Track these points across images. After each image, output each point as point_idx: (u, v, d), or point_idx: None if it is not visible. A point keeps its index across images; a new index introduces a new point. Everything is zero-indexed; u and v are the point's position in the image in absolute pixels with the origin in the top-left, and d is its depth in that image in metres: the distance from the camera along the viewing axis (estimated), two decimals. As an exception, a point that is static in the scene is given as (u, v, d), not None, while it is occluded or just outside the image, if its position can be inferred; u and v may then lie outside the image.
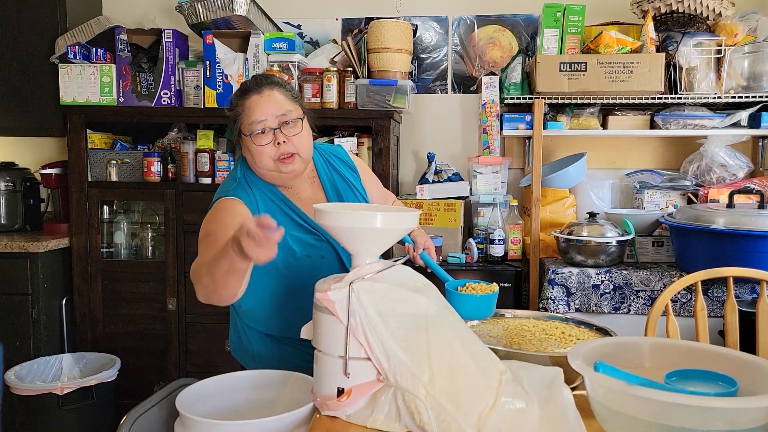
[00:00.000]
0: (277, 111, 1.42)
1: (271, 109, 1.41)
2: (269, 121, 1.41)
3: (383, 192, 1.77)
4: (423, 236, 1.59)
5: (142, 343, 2.87)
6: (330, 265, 1.48)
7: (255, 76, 1.49)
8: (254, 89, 1.44)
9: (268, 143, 1.41)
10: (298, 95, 1.50)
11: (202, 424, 1.11)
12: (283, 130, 1.41)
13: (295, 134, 1.43)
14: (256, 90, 1.43)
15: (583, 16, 2.56)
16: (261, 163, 1.43)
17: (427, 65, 3.14)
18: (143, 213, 3.01)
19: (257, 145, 1.41)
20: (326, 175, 1.58)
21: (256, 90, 1.43)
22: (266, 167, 1.43)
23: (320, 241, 1.47)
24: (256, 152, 1.42)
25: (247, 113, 1.42)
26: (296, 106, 1.46)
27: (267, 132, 1.41)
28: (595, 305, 2.37)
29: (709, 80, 2.54)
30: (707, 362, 1.05)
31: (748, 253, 2.10)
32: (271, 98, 1.42)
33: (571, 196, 2.80)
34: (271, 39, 2.74)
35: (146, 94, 2.79)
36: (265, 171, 1.45)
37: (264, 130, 1.41)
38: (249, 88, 1.44)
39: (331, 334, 1.06)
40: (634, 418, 0.88)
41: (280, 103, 1.42)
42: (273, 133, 1.41)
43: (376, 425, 1.03)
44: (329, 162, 1.61)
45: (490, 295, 1.36)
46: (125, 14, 3.21)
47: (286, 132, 1.42)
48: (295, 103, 1.46)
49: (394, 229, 1.13)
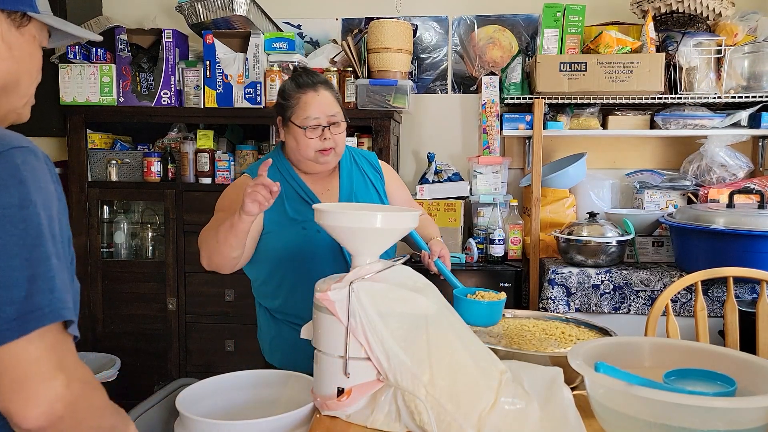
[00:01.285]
0: (329, 111, 1.57)
1: (325, 109, 1.57)
2: (322, 119, 1.56)
3: (409, 201, 1.85)
4: (439, 245, 1.69)
5: (142, 343, 2.87)
6: (325, 241, 1.53)
7: (307, 72, 1.64)
8: (311, 86, 1.58)
9: (316, 137, 1.56)
10: (339, 98, 1.66)
11: (202, 424, 1.11)
12: (331, 129, 1.57)
13: (338, 133, 1.59)
14: (312, 87, 1.58)
15: (583, 16, 2.56)
16: (304, 153, 1.58)
17: (427, 65, 3.14)
18: (143, 213, 3.01)
19: (307, 137, 1.56)
20: (346, 168, 1.69)
21: (313, 87, 1.58)
22: (307, 156, 1.58)
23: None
24: (302, 143, 1.57)
25: (302, 107, 1.57)
26: (340, 109, 1.62)
27: (317, 128, 1.56)
28: (595, 305, 2.37)
29: (709, 80, 2.54)
30: (707, 362, 1.05)
31: (748, 253, 2.10)
32: (326, 98, 1.58)
33: (571, 196, 2.80)
34: (271, 39, 2.74)
35: (146, 94, 2.79)
36: (303, 159, 1.59)
37: (316, 126, 1.56)
38: (305, 84, 1.59)
39: (331, 334, 1.06)
40: (634, 418, 0.88)
41: (331, 105, 1.59)
42: (322, 130, 1.56)
43: (376, 425, 1.03)
44: (355, 160, 1.73)
45: (496, 302, 1.37)
46: (125, 14, 3.21)
47: (332, 130, 1.57)
48: (339, 106, 1.63)
49: (394, 229, 1.13)
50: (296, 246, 1.56)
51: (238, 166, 2.82)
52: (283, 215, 1.57)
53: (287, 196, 1.58)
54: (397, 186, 1.79)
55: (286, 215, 1.57)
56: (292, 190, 1.60)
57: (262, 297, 1.67)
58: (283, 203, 1.57)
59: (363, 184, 1.69)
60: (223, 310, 2.80)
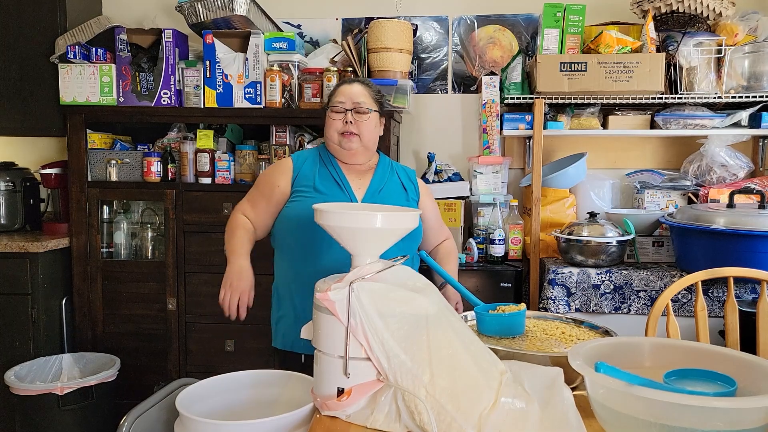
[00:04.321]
0: (356, 98, 1.75)
1: (352, 96, 1.75)
2: (347, 103, 1.74)
3: (440, 223, 1.97)
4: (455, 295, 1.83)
5: (142, 343, 2.87)
6: None
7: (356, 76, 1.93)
8: (348, 82, 1.80)
9: (339, 119, 1.74)
10: (380, 99, 1.83)
11: (202, 424, 1.11)
12: (354, 114, 1.73)
13: (362, 120, 1.74)
14: (349, 82, 1.80)
15: (583, 16, 2.55)
16: (329, 133, 1.76)
17: (427, 65, 3.14)
18: (143, 213, 3.01)
19: (331, 118, 1.75)
20: (381, 170, 1.83)
21: (349, 82, 1.80)
22: (331, 138, 1.76)
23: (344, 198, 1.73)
24: (328, 123, 1.76)
25: (335, 94, 1.78)
26: (373, 103, 1.78)
27: (341, 111, 1.74)
28: (596, 305, 2.37)
29: (709, 80, 2.54)
30: (707, 362, 1.04)
31: (749, 253, 2.10)
32: (356, 89, 1.77)
33: (571, 196, 2.79)
34: (271, 39, 2.74)
35: (146, 94, 2.79)
36: (330, 141, 1.77)
37: (340, 108, 1.74)
38: (346, 81, 1.82)
39: (331, 334, 1.06)
40: (635, 418, 0.88)
41: (360, 94, 1.76)
42: (345, 113, 1.74)
43: (376, 425, 1.03)
44: (395, 168, 1.87)
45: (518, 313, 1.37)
46: (125, 14, 3.21)
47: (355, 116, 1.74)
48: (373, 100, 1.79)
49: (394, 229, 1.13)
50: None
51: (238, 166, 2.82)
52: (311, 188, 1.72)
53: (319, 175, 1.75)
54: (431, 205, 1.91)
55: (315, 188, 1.72)
56: (327, 172, 1.76)
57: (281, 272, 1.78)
58: (314, 179, 1.74)
59: (394, 188, 1.81)
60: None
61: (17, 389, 2.41)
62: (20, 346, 2.71)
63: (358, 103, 1.74)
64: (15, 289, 2.70)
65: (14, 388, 2.41)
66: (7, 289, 2.70)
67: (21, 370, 2.53)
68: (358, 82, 1.81)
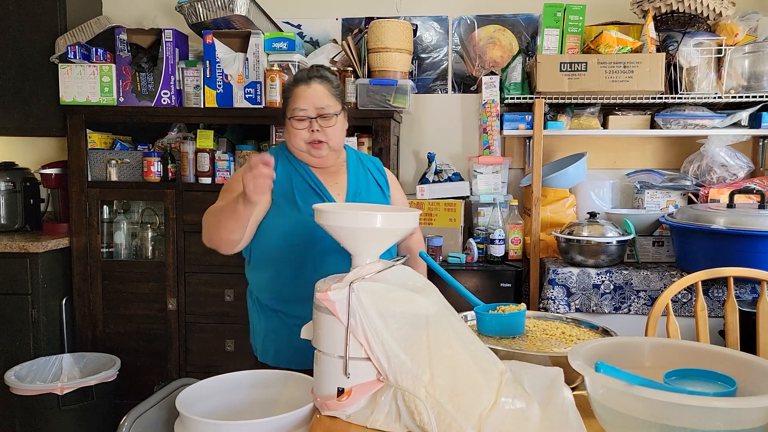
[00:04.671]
0: (318, 103, 1.60)
1: (314, 101, 1.60)
2: (309, 110, 1.60)
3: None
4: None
5: (142, 343, 2.87)
6: None
7: (310, 69, 1.67)
8: (304, 80, 1.63)
9: (303, 128, 1.61)
10: (341, 93, 1.68)
11: (202, 424, 1.11)
12: (319, 121, 1.60)
13: (329, 126, 1.61)
14: (305, 81, 1.62)
15: (583, 16, 2.55)
16: (295, 144, 1.63)
17: (428, 65, 3.14)
18: (143, 213, 3.01)
19: (294, 128, 1.61)
20: (353, 167, 1.73)
21: (306, 81, 1.62)
22: (298, 148, 1.63)
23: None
24: (292, 133, 1.62)
25: (293, 99, 1.62)
26: (336, 102, 1.64)
27: (305, 119, 1.60)
28: (596, 305, 2.37)
29: (709, 80, 2.54)
30: (707, 362, 1.04)
31: (749, 253, 2.10)
32: (316, 91, 1.61)
33: (571, 196, 2.79)
34: (271, 39, 2.73)
35: (146, 94, 2.79)
36: (297, 151, 1.64)
37: (302, 116, 1.60)
38: (301, 78, 1.64)
39: (331, 334, 1.06)
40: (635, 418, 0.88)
41: (322, 97, 1.61)
42: (310, 121, 1.60)
43: (376, 425, 1.03)
44: (362, 161, 1.77)
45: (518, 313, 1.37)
46: (125, 14, 3.21)
47: (321, 122, 1.60)
48: (335, 99, 1.64)
49: (394, 229, 1.13)
50: (301, 232, 1.57)
51: (238, 165, 2.82)
52: (291, 202, 1.60)
53: (296, 186, 1.62)
54: (399, 194, 1.83)
55: (294, 202, 1.60)
56: (302, 180, 1.64)
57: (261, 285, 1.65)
58: (293, 191, 1.61)
59: (366, 182, 1.72)
60: (223, 310, 2.80)
61: (17, 389, 2.41)
62: (20, 346, 2.71)
63: (321, 108, 1.60)
64: (15, 289, 2.70)
65: (14, 388, 2.41)
66: (7, 289, 2.70)
67: (21, 370, 2.53)
68: (316, 78, 1.63)
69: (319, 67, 1.70)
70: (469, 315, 1.47)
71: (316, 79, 1.63)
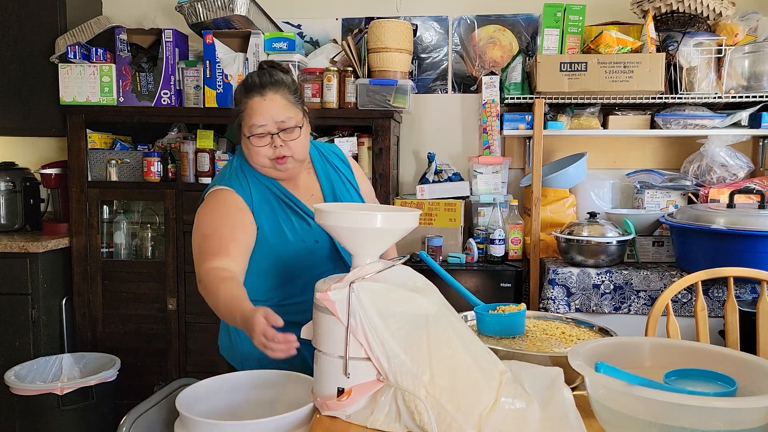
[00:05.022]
0: (278, 117, 1.45)
1: (273, 115, 1.45)
2: (269, 126, 1.45)
3: (374, 198, 1.79)
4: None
5: (142, 343, 2.87)
6: (323, 249, 1.51)
7: (260, 72, 1.50)
8: (258, 90, 1.45)
9: (265, 145, 1.46)
10: (299, 97, 1.52)
11: (202, 424, 1.11)
12: (282, 135, 1.46)
13: (293, 139, 1.47)
14: (259, 92, 1.45)
15: (583, 16, 2.55)
16: (257, 161, 1.49)
17: (428, 65, 3.14)
18: (143, 213, 3.01)
19: (255, 146, 1.46)
20: (321, 167, 1.63)
21: (260, 92, 1.45)
22: (261, 164, 1.49)
23: (313, 226, 1.51)
24: (253, 151, 1.47)
25: (249, 113, 1.46)
26: (297, 111, 1.49)
27: (265, 135, 1.46)
28: (596, 305, 2.37)
29: (709, 80, 2.54)
30: (707, 362, 1.04)
31: (749, 253, 2.10)
32: (274, 102, 1.45)
33: (571, 196, 2.79)
34: (271, 39, 2.74)
35: (146, 94, 2.79)
36: (259, 167, 1.50)
37: (263, 133, 1.45)
38: (253, 87, 1.46)
39: (331, 334, 1.06)
40: (635, 418, 0.88)
41: (281, 109, 1.45)
42: (271, 137, 1.46)
43: (376, 425, 1.03)
44: (325, 156, 1.66)
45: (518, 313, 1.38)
46: (125, 14, 3.21)
47: (283, 137, 1.46)
48: (296, 108, 1.49)
49: (394, 229, 1.13)
50: (295, 260, 1.49)
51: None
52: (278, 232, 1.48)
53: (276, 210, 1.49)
54: (363, 179, 1.71)
55: (282, 232, 1.48)
56: (280, 203, 1.51)
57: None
58: (277, 219, 1.49)
59: (340, 182, 1.62)
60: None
61: (17, 389, 2.41)
62: (20, 346, 2.71)
63: (282, 122, 1.45)
64: (15, 289, 2.70)
65: (14, 388, 2.41)
66: (7, 289, 2.70)
67: (21, 370, 2.53)
68: (270, 86, 1.45)
69: (270, 69, 1.51)
70: (469, 315, 1.47)
71: (270, 89, 1.45)
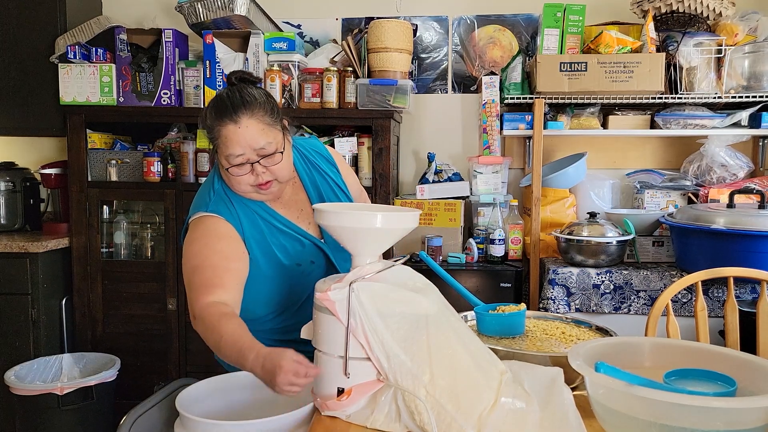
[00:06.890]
0: (256, 144, 1.33)
1: (250, 142, 1.33)
2: (248, 154, 1.34)
3: (360, 188, 1.70)
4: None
5: (142, 343, 2.87)
6: (320, 269, 1.48)
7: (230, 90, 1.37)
8: (230, 117, 1.33)
9: (244, 173, 1.36)
10: (276, 114, 1.39)
11: (202, 424, 1.11)
12: (262, 162, 1.35)
13: (275, 164, 1.37)
14: (232, 119, 1.32)
15: (583, 16, 2.55)
16: (240, 189, 1.39)
17: (427, 65, 3.14)
18: (143, 213, 3.01)
19: (233, 174, 1.36)
20: (307, 175, 1.54)
21: (232, 119, 1.32)
22: (244, 191, 1.40)
23: (307, 246, 1.46)
24: (234, 180, 1.37)
25: (224, 142, 1.34)
26: (276, 133, 1.37)
27: (245, 164, 1.35)
28: (596, 305, 2.37)
29: (709, 80, 2.54)
30: (707, 362, 1.05)
31: (749, 253, 2.10)
32: (249, 129, 1.32)
33: (571, 196, 2.79)
34: (271, 39, 2.74)
35: (146, 94, 2.79)
36: (242, 194, 1.41)
37: (241, 161, 1.34)
38: (224, 112, 1.34)
39: (331, 334, 1.06)
40: (634, 418, 0.88)
41: (258, 136, 1.33)
42: (251, 165, 1.35)
43: (376, 425, 1.03)
44: (308, 160, 1.56)
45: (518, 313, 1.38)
46: (125, 14, 3.21)
47: (264, 163, 1.35)
48: (274, 130, 1.37)
49: (394, 229, 1.13)
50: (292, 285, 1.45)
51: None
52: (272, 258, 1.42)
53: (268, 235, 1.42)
54: (350, 175, 1.65)
55: (275, 258, 1.42)
56: (270, 226, 1.43)
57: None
58: (269, 245, 1.41)
59: (327, 186, 1.55)
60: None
61: (17, 389, 2.41)
62: (20, 346, 2.71)
63: (261, 149, 1.34)
64: (15, 289, 2.70)
65: (14, 388, 2.41)
66: (7, 289, 2.69)
67: (21, 370, 2.53)
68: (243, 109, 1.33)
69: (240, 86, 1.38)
70: (469, 315, 1.47)
71: (243, 113, 1.32)
